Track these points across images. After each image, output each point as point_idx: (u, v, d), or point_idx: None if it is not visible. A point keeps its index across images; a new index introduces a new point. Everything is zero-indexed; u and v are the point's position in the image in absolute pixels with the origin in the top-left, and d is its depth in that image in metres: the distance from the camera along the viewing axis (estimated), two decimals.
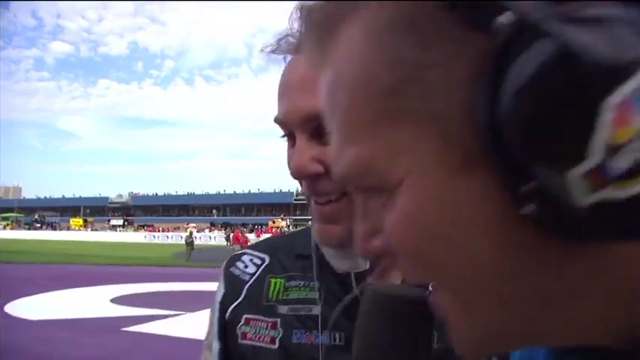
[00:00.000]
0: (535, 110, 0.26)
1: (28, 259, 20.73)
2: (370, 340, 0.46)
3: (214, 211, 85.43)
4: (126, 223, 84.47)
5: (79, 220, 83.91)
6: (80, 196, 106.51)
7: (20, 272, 15.75)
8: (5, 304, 9.91)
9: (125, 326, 7.73)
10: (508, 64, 0.27)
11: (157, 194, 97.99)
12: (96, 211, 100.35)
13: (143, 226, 76.82)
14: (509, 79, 0.26)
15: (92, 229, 76.45)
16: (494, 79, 0.27)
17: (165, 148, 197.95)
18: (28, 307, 9.94)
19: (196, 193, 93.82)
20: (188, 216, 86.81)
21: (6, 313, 9.18)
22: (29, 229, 75.80)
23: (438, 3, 0.29)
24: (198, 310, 8.82)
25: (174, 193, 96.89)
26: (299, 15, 0.39)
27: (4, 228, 75.47)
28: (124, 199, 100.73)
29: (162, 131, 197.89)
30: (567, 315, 0.34)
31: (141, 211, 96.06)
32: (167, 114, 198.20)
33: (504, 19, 0.27)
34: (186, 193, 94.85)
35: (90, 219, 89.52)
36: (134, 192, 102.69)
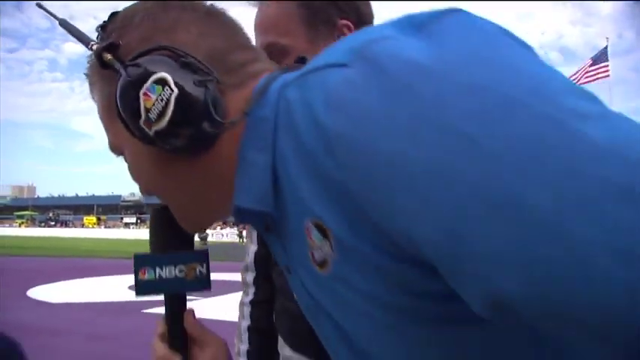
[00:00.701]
0: (121, 101, 0.55)
1: (45, 253, 21.05)
2: (154, 233, 0.72)
3: None
4: (139, 220, 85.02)
5: (93, 218, 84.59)
6: (93, 195, 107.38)
7: (39, 264, 16.02)
8: (27, 289, 10.15)
9: (146, 308, 7.88)
10: (116, 86, 0.56)
11: None
12: (109, 209, 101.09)
13: None
14: (119, 89, 0.56)
15: (105, 227, 77.05)
16: (118, 92, 0.56)
17: None
18: (50, 292, 10.17)
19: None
20: None
21: (28, 297, 9.41)
22: (44, 226, 76.60)
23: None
24: (212, 296, 8.94)
25: None
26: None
27: (20, 226, 76.33)
28: (136, 198, 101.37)
29: None
30: (210, 199, 0.62)
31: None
32: None
33: (120, 67, 0.56)
34: None
35: (103, 217, 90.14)
36: None
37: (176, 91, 0.52)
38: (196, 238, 0.74)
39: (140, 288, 0.69)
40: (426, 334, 0.50)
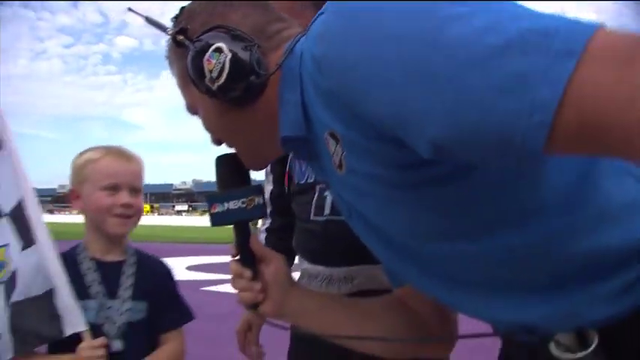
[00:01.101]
0: (191, 68, 0.73)
1: None
2: (220, 177, 0.87)
3: None
4: (190, 208, 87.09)
5: (146, 206, 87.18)
6: (147, 183, 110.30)
7: None
8: None
9: (204, 286, 8.09)
10: (187, 58, 0.74)
11: None
12: (161, 197, 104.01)
13: (207, 211, 78.49)
14: (189, 59, 0.73)
15: (158, 214, 79.25)
16: (189, 62, 0.73)
17: None
18: None
19: (257, 178, 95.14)
20: None
21: None
22: None
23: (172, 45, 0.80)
24: None
25: None
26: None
27: (78, 213, 79.19)
28: (187, 186, 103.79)
29: None
30: (264, 138, 0.79)
31: (204, 196, 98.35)
32: None
33: (189, 43, 0.74)
34: None
35: (156, 205, 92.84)
36: (197, 179, 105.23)
37: (229, 55, 0.70)
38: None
39: (213, 219, 0.85)
40: (414, 198, 0.66)
